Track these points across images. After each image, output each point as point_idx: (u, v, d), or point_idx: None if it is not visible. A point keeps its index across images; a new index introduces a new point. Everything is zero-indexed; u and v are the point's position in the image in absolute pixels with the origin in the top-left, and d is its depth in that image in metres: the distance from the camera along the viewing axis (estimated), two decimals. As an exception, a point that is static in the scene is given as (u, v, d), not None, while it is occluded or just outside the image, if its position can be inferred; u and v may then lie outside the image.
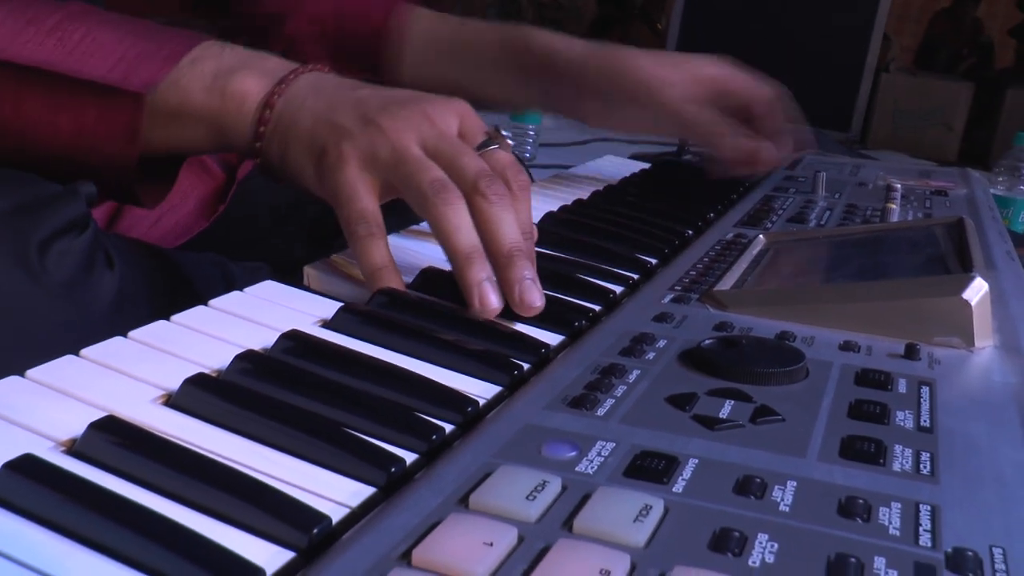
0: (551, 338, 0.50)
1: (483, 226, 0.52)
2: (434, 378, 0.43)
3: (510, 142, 0.58)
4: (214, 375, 0.41)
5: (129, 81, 0.54)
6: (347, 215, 0.53)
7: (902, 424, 0.39)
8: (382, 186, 0.54)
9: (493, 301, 0.50)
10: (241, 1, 0.95)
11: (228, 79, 0.56)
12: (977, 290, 0.49)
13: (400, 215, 0.61)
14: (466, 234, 0.51)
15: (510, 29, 0.89)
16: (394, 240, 0.63)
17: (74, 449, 0.34)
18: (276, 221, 0.89)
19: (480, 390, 0.43)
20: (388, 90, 0.58)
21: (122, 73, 0.54)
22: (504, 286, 0.51)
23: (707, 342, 0.45)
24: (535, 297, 0.51)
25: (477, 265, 0.51)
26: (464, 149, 0.54)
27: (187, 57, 0.57)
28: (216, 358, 0.42)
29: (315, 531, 0.31)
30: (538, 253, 0.66)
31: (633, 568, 0.28)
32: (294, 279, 0.55)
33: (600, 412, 0.39)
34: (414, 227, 0.67)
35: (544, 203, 0.77)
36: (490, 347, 0.47)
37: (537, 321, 0.52)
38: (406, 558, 0.28)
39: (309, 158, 0.55)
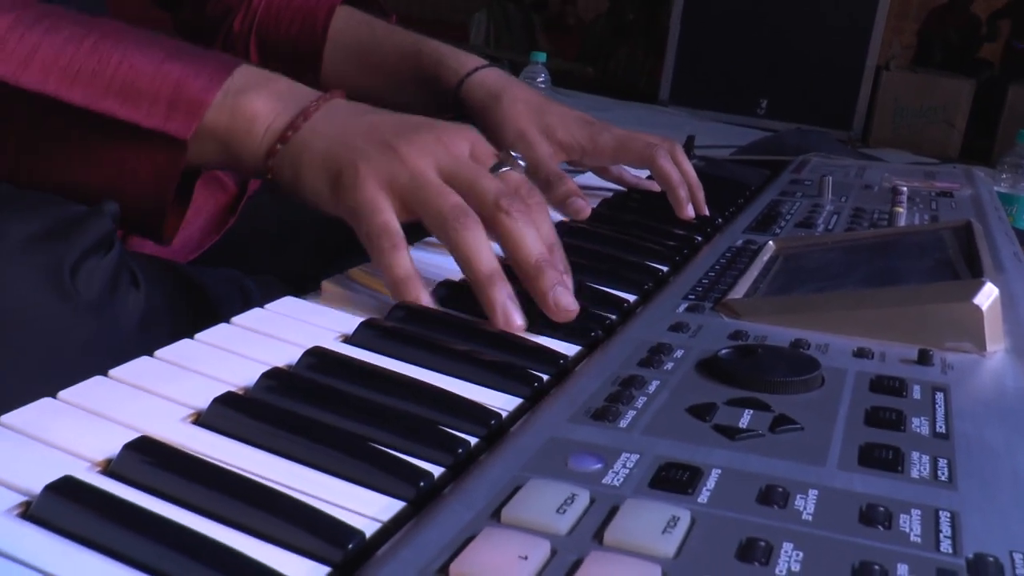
0: (568, 348, 0.51)
1: (508, 243, 0.53)
2: (455, 391, 0.44)
3: (521, 164, 0.59)
4: (241, 393, 0.42)
5: (170, 124, 0.54)
6: (368, 230, 0.54)
7: (918, 430, 0.40)
8: (399, 207, 0.55)
9: (517, 319, 0.52)
10: None
11: (236, 98, 0.56)
12: (988, 295, 0.49)
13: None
14: (487, 257, 0.52)
15: (421, 45, 0.89)
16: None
17: (109, 469, 0.35)
18: (284, 235, 0.90)
19: (501, 402, 0.44)
20: (399, 115, 0.59)
21: (162, 115, 0.54)
22: (537, 296, 0.53)
23: (724, 352, 0.46)
24: (569, 301, 0.53)
25: (498, 286, 0.52)
26: (481, 172, 0.56)
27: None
28: (242, 375, 0.43)
29: (350, 546, 0.31)
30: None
31: (664, 579, 0.28)
32: (302, 292, 0.56)
33: (622, 424, 0.39)
34: (428, 239, 0.67)
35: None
36: (509, 359, 0.48)
37: (553, 332, 0.52)
38: (443, 572, 0.29)
39: (324, 180, 0.56)
